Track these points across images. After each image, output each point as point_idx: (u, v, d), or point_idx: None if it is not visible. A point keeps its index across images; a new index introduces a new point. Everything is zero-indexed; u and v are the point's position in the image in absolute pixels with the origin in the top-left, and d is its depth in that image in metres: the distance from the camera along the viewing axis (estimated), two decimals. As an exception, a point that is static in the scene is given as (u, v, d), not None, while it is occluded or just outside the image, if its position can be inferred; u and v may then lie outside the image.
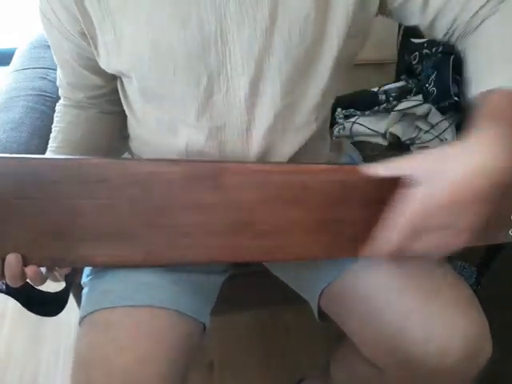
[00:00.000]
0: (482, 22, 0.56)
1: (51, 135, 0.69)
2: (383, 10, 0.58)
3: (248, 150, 0.60)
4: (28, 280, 0.53)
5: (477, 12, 0.55)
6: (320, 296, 0.68)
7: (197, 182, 0.51)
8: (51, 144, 0.68)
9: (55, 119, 0.70)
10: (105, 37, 0.55)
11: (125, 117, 0.69)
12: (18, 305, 0.58)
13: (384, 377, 0.64)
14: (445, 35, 0.60)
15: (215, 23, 0.52)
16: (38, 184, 0.49)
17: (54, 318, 1.30)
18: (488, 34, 0.56)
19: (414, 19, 0.59)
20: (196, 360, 0.63)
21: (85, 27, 0.55)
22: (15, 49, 1.09)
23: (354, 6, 0.54)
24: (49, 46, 1.05)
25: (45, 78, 0.99)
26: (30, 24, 1.24)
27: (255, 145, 0.60)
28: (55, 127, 0.69)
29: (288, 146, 0.62)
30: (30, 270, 0.51)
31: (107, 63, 0.58)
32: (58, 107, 0.71)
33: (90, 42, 0.56)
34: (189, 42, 0.52)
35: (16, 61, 1.05)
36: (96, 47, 0.57)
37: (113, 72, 0.59)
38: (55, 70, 0.70)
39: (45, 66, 1.02)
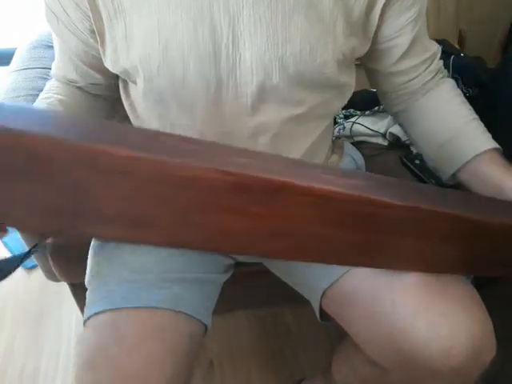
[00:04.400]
0: (432, 89, 0.67)
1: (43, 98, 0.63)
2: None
3: None
4: None
5: (431, 79, 0.67)
6: (322, 296, 0.68)
7: (246, 194, 0.43)
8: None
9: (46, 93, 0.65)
10: (114, 34, 0.55)
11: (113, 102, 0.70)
12: (19, 304, 0.57)
13: (387, 377, 0.64)
14: (392, 90, 0.69)
15: (228, 28, 0.52)
16: (40, 166, 0.38)
17: (54, 317, 1.30)
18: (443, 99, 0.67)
19: (382, 65, 0.66)
20: (196, 359, 0.63)
21: (94, 23, 0.55)
22: (15, 49, 1.09)
23: (355, 38, 0.58)
24: (49, 46, 1.06)
25: (45, 78, 0.98)
26: (30, 24, 1.24)
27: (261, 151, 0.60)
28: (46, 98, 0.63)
29: (294, 152, 0.63)
30: None
31: (114, 61, 0.57)
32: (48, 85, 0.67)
33: (98, 38, 0.56)
34: (200, 45, 0.52)
35: (16, 61, 1.05)
36: (103, 44, 0.57)
37: (118, 72, 0.59)
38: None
39: (45, 66, 1.01)
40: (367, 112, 1.10)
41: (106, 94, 0.69)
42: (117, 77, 0.65)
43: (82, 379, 0.55)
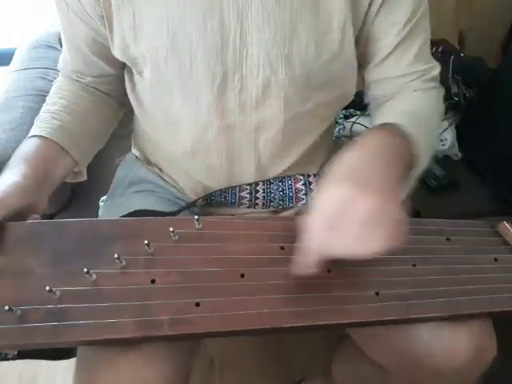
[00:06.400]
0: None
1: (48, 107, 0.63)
2: None
3: (255, 150, 0.60)
4: None
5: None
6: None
7: None
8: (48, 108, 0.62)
9: (55, 94, 0.64)
10: (122, 22, 0.55)
11: (121, 102, 0.70)
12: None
13: (387, 377, 0.64)
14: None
15: (236, 22, 0.52)
16: None
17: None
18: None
19: (371, 59, 0.62)
20: (196, 358, 0.63)
21: (103, 8, 0.54)
22: (15, 49, 1.09)
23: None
24: (49, 46, 1.06)
25: (45, 78, 0.98)
26: (30, 24, 1.24)
27: (263, 147, 0.60)
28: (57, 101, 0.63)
29: (295, 150, 0.63)
30: None
31: (121, 49, 0.57)
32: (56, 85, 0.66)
33: (106, 24, 0.56)
34: (208, 37, 0.53)
35: (16, 61, 1.05)
36: (111, 31, 0.57)
37: (125, 61, 0.59)
38: (55, 69, 0.70)
39: (45, 66, 1.01)
40: (367, 112, 1.10)
41: (112, 87, 0.69)
42: (123, 68, 0.65)
43: (81, 380, 0.55)
